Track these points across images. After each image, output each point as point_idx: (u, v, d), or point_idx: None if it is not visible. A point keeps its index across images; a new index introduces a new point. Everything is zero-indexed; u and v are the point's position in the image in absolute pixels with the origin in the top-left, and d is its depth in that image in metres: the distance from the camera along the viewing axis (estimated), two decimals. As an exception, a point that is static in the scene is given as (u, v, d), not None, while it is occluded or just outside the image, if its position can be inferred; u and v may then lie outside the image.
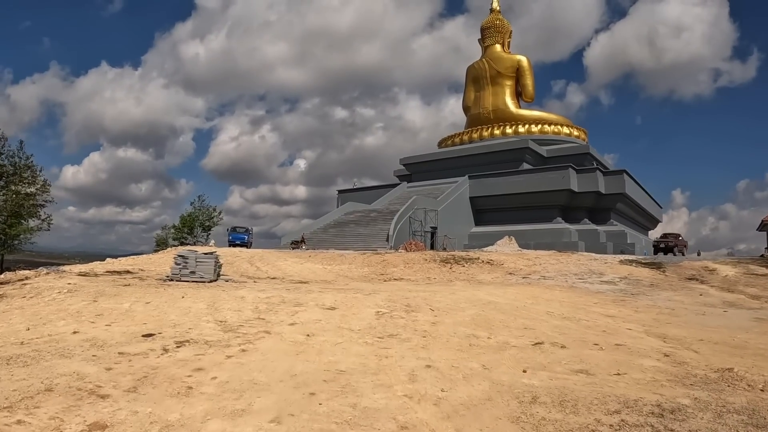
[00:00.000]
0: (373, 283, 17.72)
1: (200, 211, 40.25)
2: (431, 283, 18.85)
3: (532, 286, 16.75)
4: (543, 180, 41.57)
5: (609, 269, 24.20)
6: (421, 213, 37.36)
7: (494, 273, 22.29)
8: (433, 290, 13.02)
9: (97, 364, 5.74)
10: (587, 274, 22.63)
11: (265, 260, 26.56)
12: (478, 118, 58.30)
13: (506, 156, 47.75)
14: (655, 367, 6.42)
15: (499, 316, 9.39)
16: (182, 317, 8.03)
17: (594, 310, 12.13)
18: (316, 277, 21.23)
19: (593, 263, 25.87)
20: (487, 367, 5.58)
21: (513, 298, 12.76)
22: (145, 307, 8.94)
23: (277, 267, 24.45)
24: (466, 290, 13.35)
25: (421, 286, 16.39)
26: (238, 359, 5.69)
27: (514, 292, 14.18)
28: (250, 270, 23.90)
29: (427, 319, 8.32)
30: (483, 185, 44.56)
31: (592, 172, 41.89)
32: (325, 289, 12.36)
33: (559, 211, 42.56)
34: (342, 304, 9.05)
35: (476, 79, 60.25)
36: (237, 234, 38.45)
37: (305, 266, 24.46)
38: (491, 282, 19.12)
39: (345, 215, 43.48)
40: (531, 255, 28.06)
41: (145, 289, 11.24)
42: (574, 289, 17.20)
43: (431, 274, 22.15)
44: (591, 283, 19.40)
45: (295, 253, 29.25)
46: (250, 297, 9.70)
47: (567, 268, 24.13)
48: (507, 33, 61.41)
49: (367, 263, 24.73)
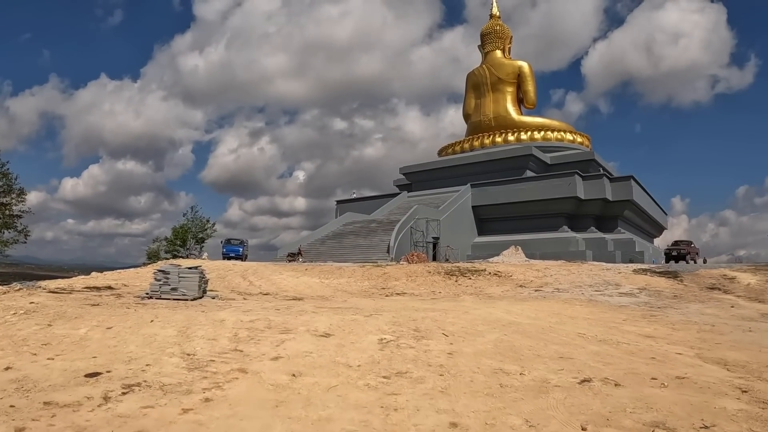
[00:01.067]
0: (374, 299, 16.23)
1: (193, 223, 38.77)
2: (437, 298, 17.36)
3: (549, 301, 15.26)
4: (548, 187, 40.19)
5: (624, 280, 22.74)
6: (422, 223, 35.92)
7: (503, 286, 20.79)
8: (442, 308, 11.53)
9: (7, 421, 4.28)
10: (603, 285, 21.15)
11: (259, 274, 25.05)
12: (479, 126, 57.09)
13: (509, 163, 46.43)
14: (743, 411, 4.97)
15: (525, 341, 7.93)
16: (143, 348, 6.57)
17: (627, 328, 10.65)
18: (313, 293, 19.72)
19: (606, 273, 24.40)
20: (533, 424, 4.11)
21: (533, 316, 11.29)
22: (103, 335, 7.47)
23: (272, 281, 22.95)
24: (479, 307, 11.87)
25: (428, 302, 14.89)
26: (197, 415, 4.22)
27: (532, 309, 12.70)
28: (242, 285, 22.39)
29: (441, 348, 6.85)
30: (486, 194, 43.17)
31: (598, 178, 40.54)
32: (320, 308, 10.88)
33: (564, 220, 41.15)
34: (338, 329, 7.58)
35: (477, 86, 59.14)
36: (231, 246, 36.94)
37: (301, 280, 22.95)
38: (502, 296, 17.62)
39: (344, 226, 42.02)
40: (540, 266, 26.58)
41: (112, 310, 9.76)
42: (594, 303, 15.71)
43: (436, 287, 20.64)
44: (610, 296, 17.91)
45: (292, 266, 27.76)
46: (231, 320, 8.23)
47: (580, 279, 22.65)
48: (507, 39, 60.42)
49: (367, 276, 23.24)
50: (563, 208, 40.58)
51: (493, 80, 58.00)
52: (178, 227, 38.38)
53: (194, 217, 38.98)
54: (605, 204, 41.03)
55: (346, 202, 54.21)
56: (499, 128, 54.84)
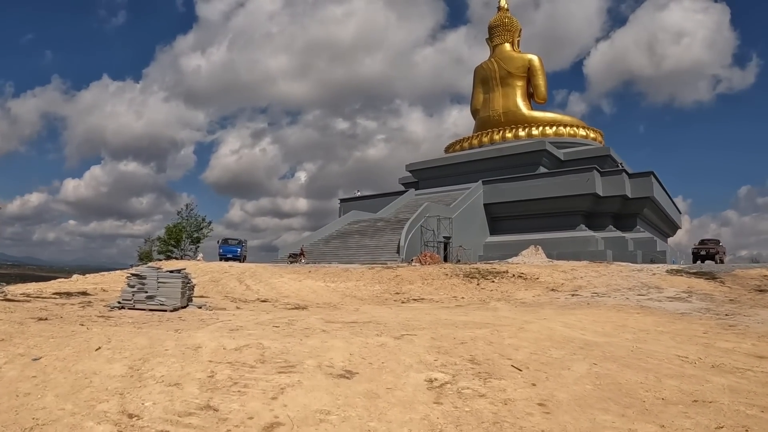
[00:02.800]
0: (391, 307, 13.87)
1: (188, 222, 36.37)
2: (462, 304, 15.01)
3: (598, 309, 12.87)
4: (565, 184, 37.76)
5: (662, 282, 20.39)
6: (433, 221, 33.53)
7: (532, 290, 18.42)
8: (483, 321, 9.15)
9: None
10: (642, 288, 18.78)
11: (258, 277, 22.69)
12: (488, 121, 54.73)
13: (522, 159, 44.04)
14: None
15: (627, 374, 5.57)
16: (64, 401, 4.20)
17: (722, 345, 8.28)
18: (318, 298, 17.38)
19: (640, 275, 22.04)
20: None
21: (600, 330, 8.93)
22: (21, 372, 5.12)
23: (271, 285, 20.60)
24: (529, 319, 9.49)
25: (457, 311, 12.51)
26: None
27: (589, 319, 10.33)
28: (237, 290, 20.04)
29: (523, 394, 4.48)
30: (498, 191, 40.76)
31: (617, 174, 38.14)
32: (330, 323, 8.52)
33: (582, 218, 38.75)
34: (363, 362, 5.21)
35: (485, 81, 56.78)
36: (229, 247, 34.58)
37: (304, 284, 20.61)
38: (537, 302, 15.24)
39: (348, 225, 39.62)
40: (565, 267, 24.20)
41: (58, 329, 7.40)
42: (649, 310, 13.33)
43: (457, 292, 18.29)
44: (659, 301, 15.53)
45: (293, 268, 25.39)
46: (209, 347, 5.86)
47: (614, 282, 20.28)
48: (516, 31, 58.07)
49: (377, 279, 20.89)
50: (580, 206, 38.17)
51: (502, 74, 55.64)
52: (171, 226, 36.00)
53: (189, 216, 36.59)
54: (624, 201, 38.63)
55: (350, 200, 51.80)
56: (509, 123, 52.47)
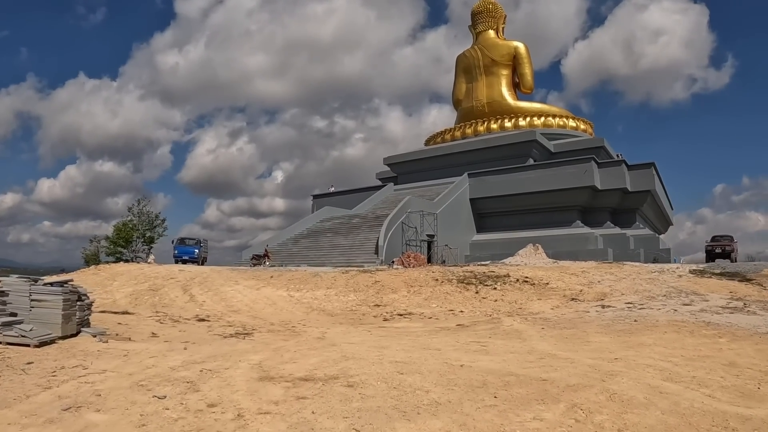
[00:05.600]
0: (372, 330, 10.13)
1: (139, 219, 31.93)
2: (465, 323, 11.33)
3: (665, 331, 9.28)
4: (560, 176, 34.44)
5: (697, 286, 17.04)
6: (416, 217, 29.84)
7: (547, 299, 14.88)
8: (520, 366, 5.43)
9: None
10: (679, 295, 15.38)
11: (209, 284, 18.69)
12: (471, 112, 51.26)
13: (510, 151, 40.63)
14: None
15: None
16: None
17: None
18: (275, 315, 13.50)
19: (665, 277, 18.71)
20: None
21: (722, 381, 5.35)
22: None
23: (221, 295, 16.67)
24: (582, 355, 5.78)
25: (463, 336, 8.77)
26: None
27: (677, 356, 6.74)
28: (178, 302, 16.05)
29: None
30: (486, 184, 37.27)
31: (617, 165, 35.01)
32: (267, 379, 4.72)
33: (578, 213, 35.53)
34: None
35: (468, 69, 53.29)
36: (185, 247, 30.31)
37: (262, 293, 16.72)
38: (560, 317, 11.64)
39: (321, 222, 35.62)
40: (574, 268, 20.75)
41: None
42: (724, 329, 9.83)
43: (454, 303, 14.64)
44: (717, 313, 12.10)
45: (254, 273, 21.38)
46: None
47: (641, 287, 16.88)
48: (501, 18, 54.74)
49: (353, 287, 17.13)
50: (576, 200, 34.94)
51: (486, 62, 52.23)
52: (120, 224, 31.49)
53: (141, 212, 32.13)
54: (623, 195, 35.55)
55: (323, 196, 47.75)
56: (494, 114, 49.14)
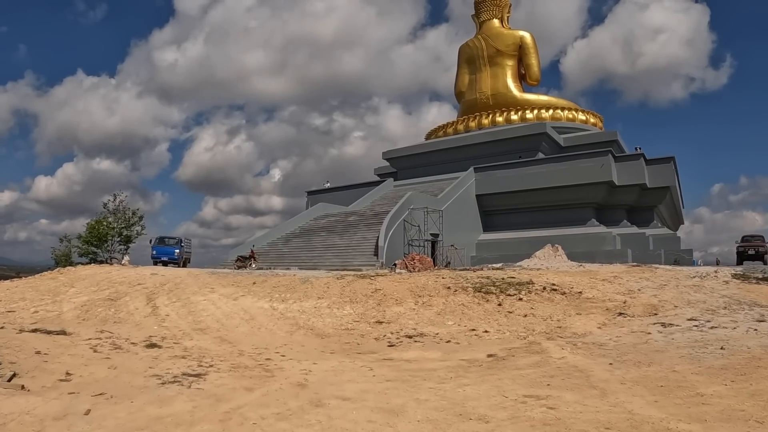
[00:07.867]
0: (374, 368, 7.39)
1: (115, 216, 29.02)
2: (496, 352, 8.64)
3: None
4: (574, 171, 31.73)
5: (750, 294, 14.32)
6: (419, 215, 27.09)
7: (588, 314, 12.21)
8: None
9: None
10: (741, 307, 12.65)
11: (179, 292, 15.95)
12: (474, 104, 48.52)
13: (518, 144, 37.88)
14: None
15: None
16: None
17: None
18: (249, 336, 10.70)
19: (710, 284, 15.99)
20: None
21: None
22: None
23: (190, 308, 13.91)
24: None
25: (505, 379, 6.03)
26: None
27: None
28: (136, 315, 13.30)
29: None
30: (493, 180, 34.54)
31: (635, 159, 32.31)
32: None
33: (592, 211, 32.85)
34: None
35: (471, 60, 50.50)
36: (164, 247, 27.52)
37: (240, 304, 13.97)
38: (617, 342, 8.95)
39: (314, 220, 32.81)
40: (603, 273, 18.07)
41: None
42: None
43: (474, 320, 11.89)
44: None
45: (235, 278, 18.57)
46: None
47: (691, 297, 14.20)
48: (506, 6, 51.93)
49: (349, 296, 14.42)
50: (592, 197, 32.28)
51: (490, 52, 49.47)
52: (94, 222, 28.55)
53: (117, 209, 29.20)
54: (641, 192, 32.90)
55: (318, 192, 44.95)
56: (499, 106, 46.43)
